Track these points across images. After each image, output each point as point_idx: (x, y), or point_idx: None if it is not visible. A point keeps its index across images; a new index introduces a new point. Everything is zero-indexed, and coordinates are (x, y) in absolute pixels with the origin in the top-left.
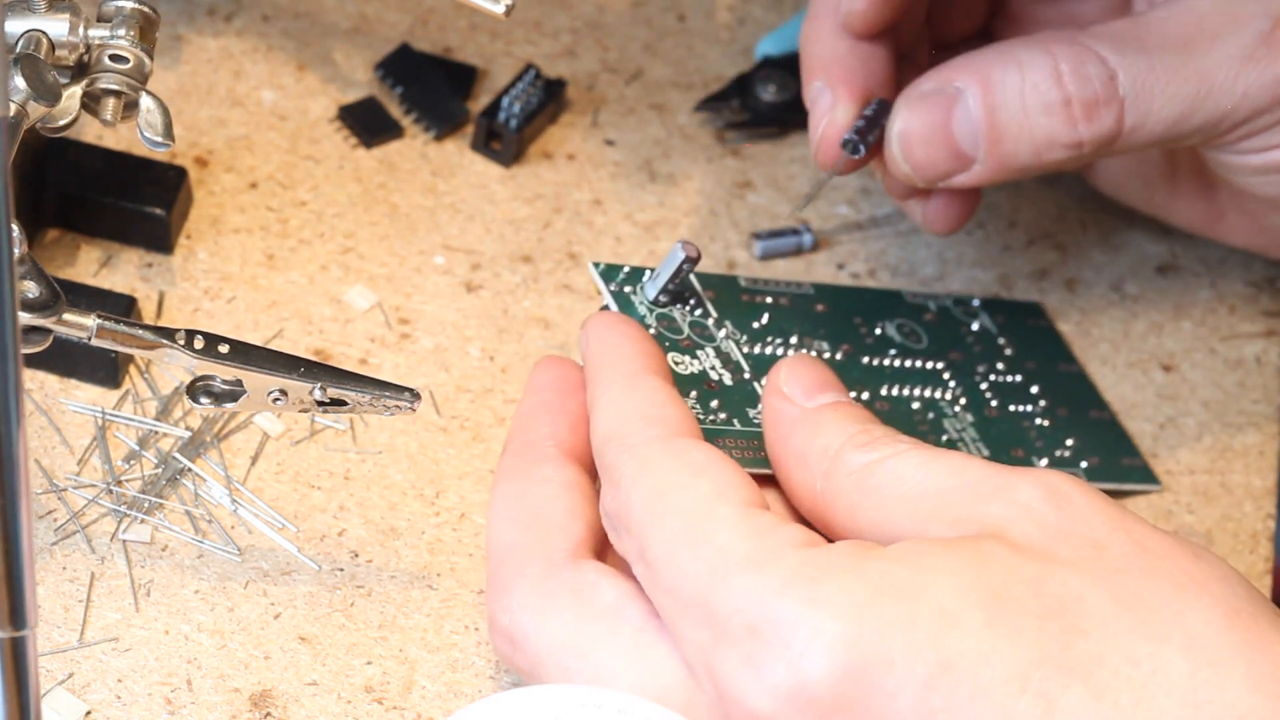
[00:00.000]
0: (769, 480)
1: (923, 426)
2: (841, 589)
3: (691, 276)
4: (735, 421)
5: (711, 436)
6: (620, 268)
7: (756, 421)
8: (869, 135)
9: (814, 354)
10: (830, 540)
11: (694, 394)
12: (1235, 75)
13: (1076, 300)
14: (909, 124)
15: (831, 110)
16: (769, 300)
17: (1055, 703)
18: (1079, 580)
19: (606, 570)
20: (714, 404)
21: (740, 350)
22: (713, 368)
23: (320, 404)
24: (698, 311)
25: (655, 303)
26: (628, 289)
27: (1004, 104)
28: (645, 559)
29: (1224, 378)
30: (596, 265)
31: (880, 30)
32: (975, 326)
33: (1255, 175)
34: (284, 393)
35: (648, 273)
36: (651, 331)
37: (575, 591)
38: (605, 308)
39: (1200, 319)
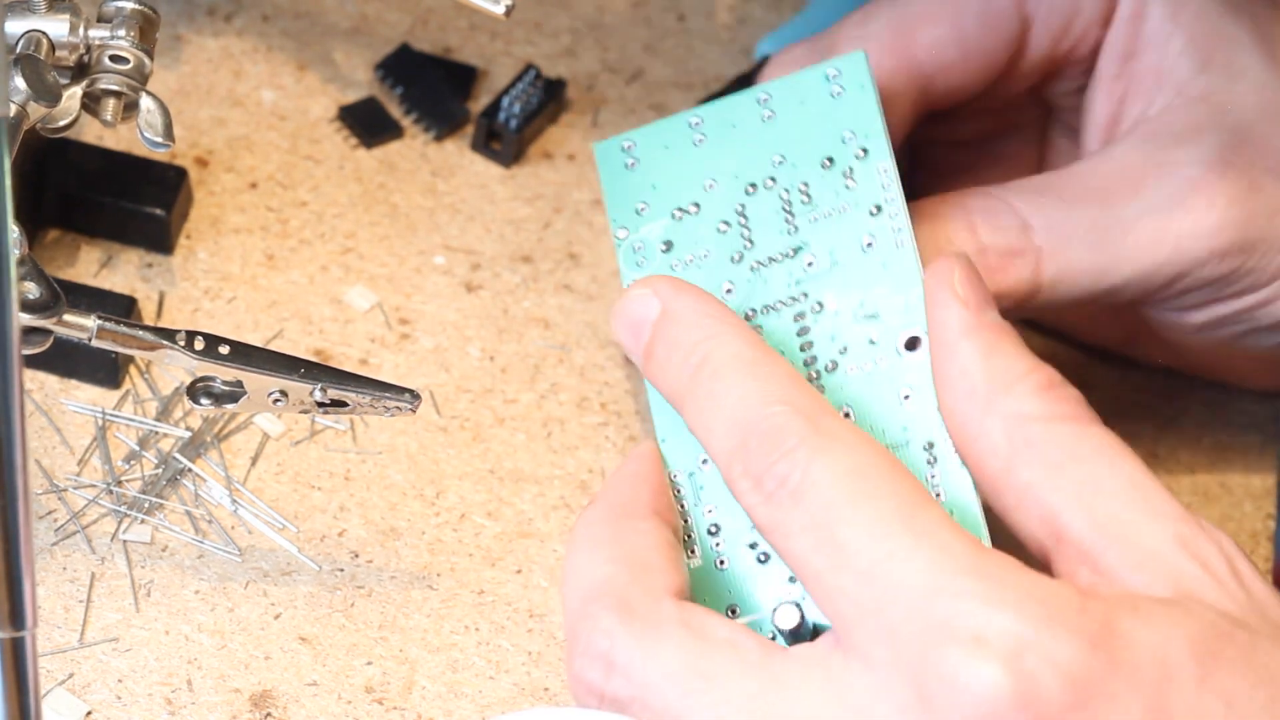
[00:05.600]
0: None
1: None
2: (1074, 618)
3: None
4: None
5: None
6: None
7: None
8: None
9: None
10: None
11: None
12: (1162, 226)
13: None
14: None
15: None
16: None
17: None
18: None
19: (713, 612)
20: None
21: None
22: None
23: (320, 405)
24: None
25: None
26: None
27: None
28: (833, 537)
29: None
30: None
31: None
32: None
33: (1198, 332)
34: (284, 393)
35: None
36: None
37: (685, 624)
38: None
39: None
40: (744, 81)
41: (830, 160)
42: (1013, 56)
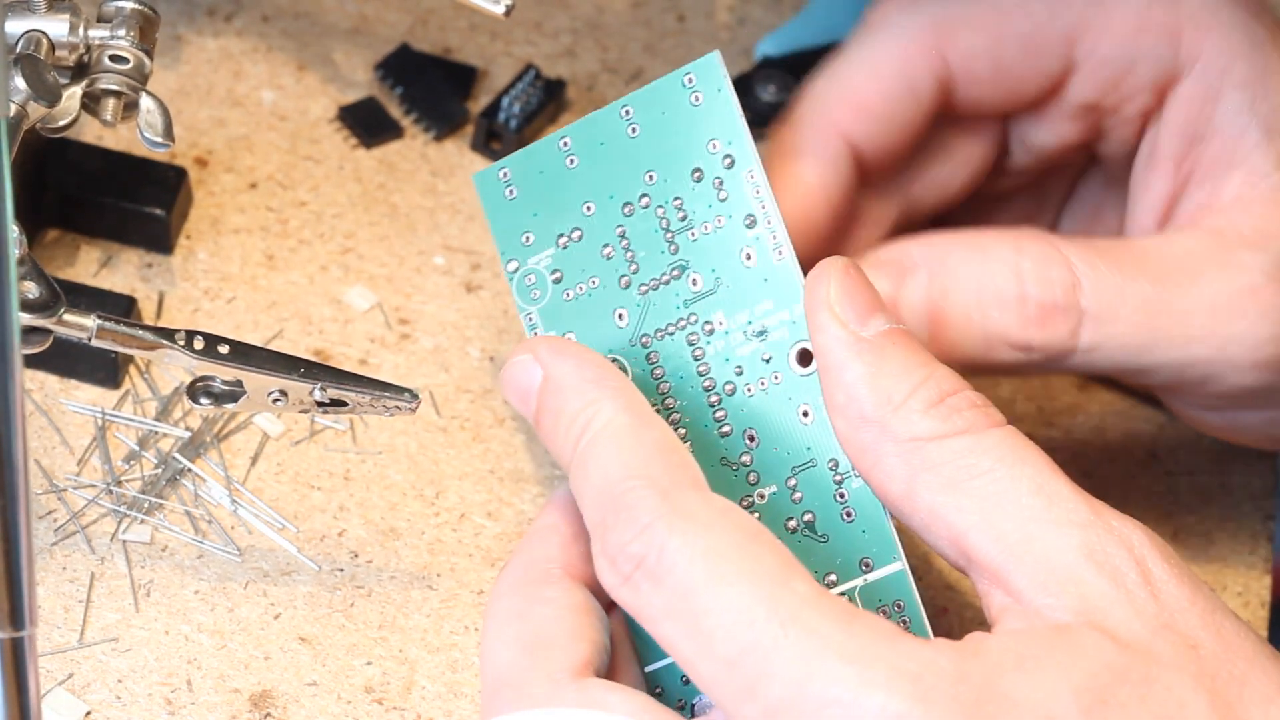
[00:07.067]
0: None
1: None
2: (948, 691)
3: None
4: None
5: None
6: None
7: None
8: None
9: None
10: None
11: None
12: (1213, 322)
13: None
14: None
15: None
16: None
17: None
18: (1181, 685)
19: (614, 686)
20: None
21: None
22: None
23: (320, 404)
24: None
25: None
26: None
27: (956, 289)
28: (697, 625)
29: None
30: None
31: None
32: None
33: (1205, 427)
34: (284, 393)
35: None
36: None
37: (584, 708)
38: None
39: None
40: (744, 81)
41: (699, 172)
42: (1047, 93)
